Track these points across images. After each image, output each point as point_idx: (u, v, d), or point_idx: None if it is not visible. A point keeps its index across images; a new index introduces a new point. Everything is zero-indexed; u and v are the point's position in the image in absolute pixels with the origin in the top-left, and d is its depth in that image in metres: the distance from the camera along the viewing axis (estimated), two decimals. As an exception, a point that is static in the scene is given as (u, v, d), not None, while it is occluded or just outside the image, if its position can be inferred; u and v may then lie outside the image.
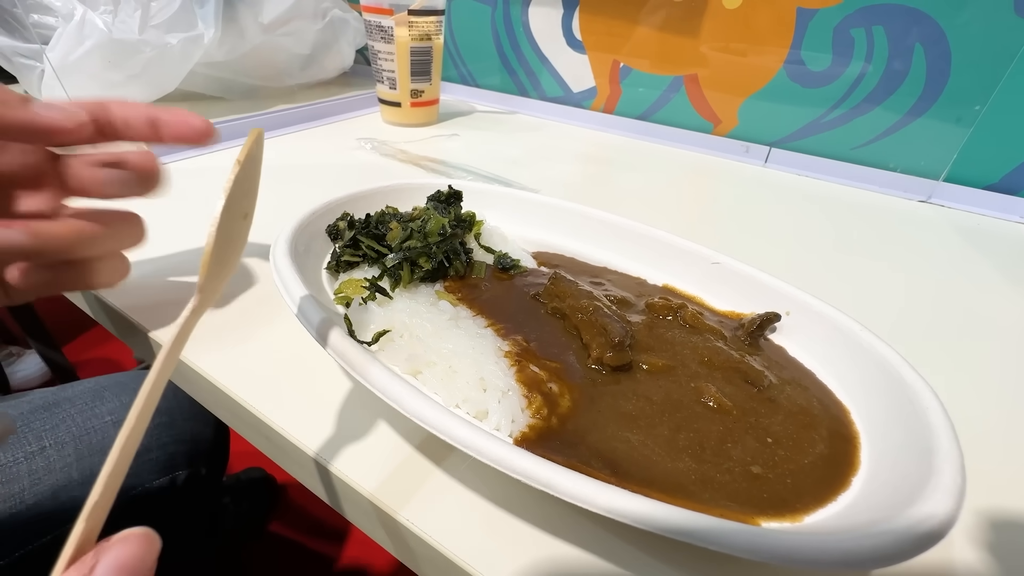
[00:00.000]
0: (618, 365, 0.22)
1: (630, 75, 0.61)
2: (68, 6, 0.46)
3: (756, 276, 0.26)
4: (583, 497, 0.14)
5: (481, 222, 0.30)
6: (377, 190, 0.31)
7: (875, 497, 0.16)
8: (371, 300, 0.24)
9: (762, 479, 0.18)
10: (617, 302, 0.26)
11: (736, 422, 0.20)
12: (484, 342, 0.22)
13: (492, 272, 0.28)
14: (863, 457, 0.19)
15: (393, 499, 0.18)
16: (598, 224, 0.31)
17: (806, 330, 0.24)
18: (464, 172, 0.46)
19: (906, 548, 0.13)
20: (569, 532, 0.17)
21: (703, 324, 0.24)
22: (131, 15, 0.48)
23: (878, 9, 0.46)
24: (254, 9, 0.57)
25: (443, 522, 0.17)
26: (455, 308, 0.24)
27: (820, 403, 0.21)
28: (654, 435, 0.19)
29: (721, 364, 0.22)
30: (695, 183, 0.51)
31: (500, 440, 0.16)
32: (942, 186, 0.49)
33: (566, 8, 0.61)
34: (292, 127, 0.57)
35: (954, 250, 0.40)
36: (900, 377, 0.19)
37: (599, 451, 0.18)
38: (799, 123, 0.54)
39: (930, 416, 0.18)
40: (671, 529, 0.13)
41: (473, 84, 0.73)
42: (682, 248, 0.28)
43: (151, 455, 0.45)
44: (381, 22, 0.53)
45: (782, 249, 0.38)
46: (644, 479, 0.17)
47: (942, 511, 0.14)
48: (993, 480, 0.21)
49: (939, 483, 0.15)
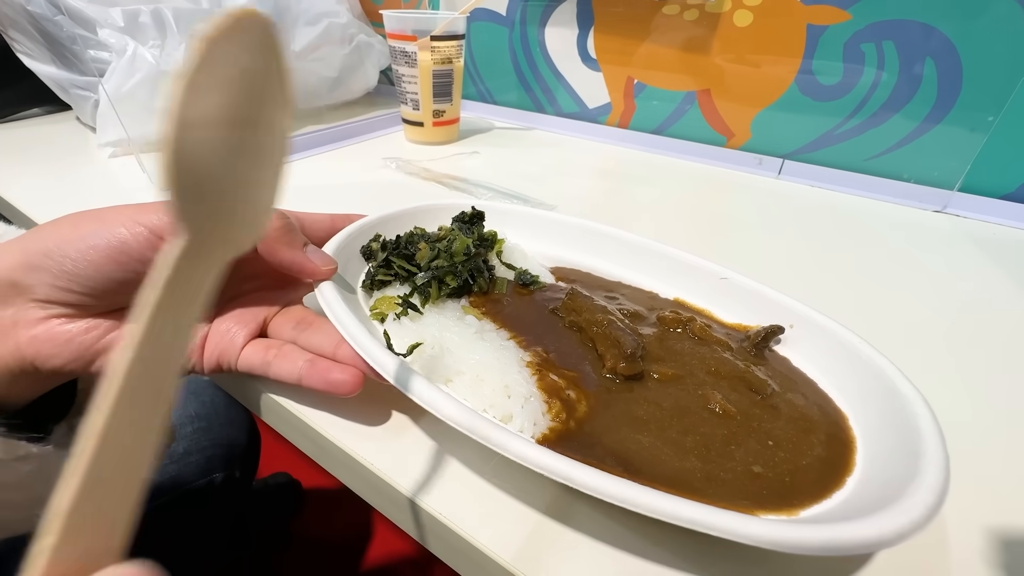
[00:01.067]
0: (630, 374, 0.23)
1: (644, 90, 0.63)
2: (121, 42, 0.49)
3: (762, 291, 0.27)
4: (597, 488, 0.16)
5: (502, 240, 0.32)
6: (405, 212, 0.33)
7: (866, 494, 0.18)
8: (404, 316, 0.26)
9: (762, 477, 0.19)
10: (630, 315, 0.27)
11: (740, 426, 0.21)
12: (507, 353, 0.24)
13: (513, 288, 0.30)
14: (858, 459, 0.20)
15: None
16: (612, 241, 0.32)
17: (809, 342, 0.25)
18: (484, 190, 0.48)
19: (886, 538, 0.15)
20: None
21: (711, 336, 0.26)
22: (176, 48, 0.51)
23: (887, 25, 0.47)
24: (286, 37, 0.60)
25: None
26: (480, 322, 0.26)
27: (820, 410, 0.22)
28: (663, 437, 0.21)
29: (727, 373, 0.24)
30: (709, 195, 0.52)
31: (524, 439, 0.18)
32: (957, 196, 0.49)
33: (581, 28, 0.63)
34: (323, 147, 0.60)
35: (969, 259, 0.41)
36: (894, 386, 0.21)
37: (613, 451, 0.20)
38: (812, 135, 0.55)
39: (919, 422, 0.19)
40: (679, 517, 0.15)
41: (491, 101, 0.76)
42: (692, 264, 0.30)
43: (191, 458, 0.48)
44: (405, 48, 0.56)
45: (796, 259, 0.40)
46: (654, 476, 0.19)
47: (923, 506, 0.15)
48: (1000, 487, 0.22)
49: (923, 482, 0.16)
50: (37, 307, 0.21)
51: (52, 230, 0.21)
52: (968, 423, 0.25)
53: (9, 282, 0.20)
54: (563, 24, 0.64)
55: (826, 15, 0.50)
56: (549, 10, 0.65)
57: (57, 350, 0.22)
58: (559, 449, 0.19)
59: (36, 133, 0.62)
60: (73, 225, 0.21)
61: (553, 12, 0.64)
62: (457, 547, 0.20)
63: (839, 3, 0.49)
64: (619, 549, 0.19)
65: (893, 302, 0.35)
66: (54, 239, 0.21)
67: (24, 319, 0.21)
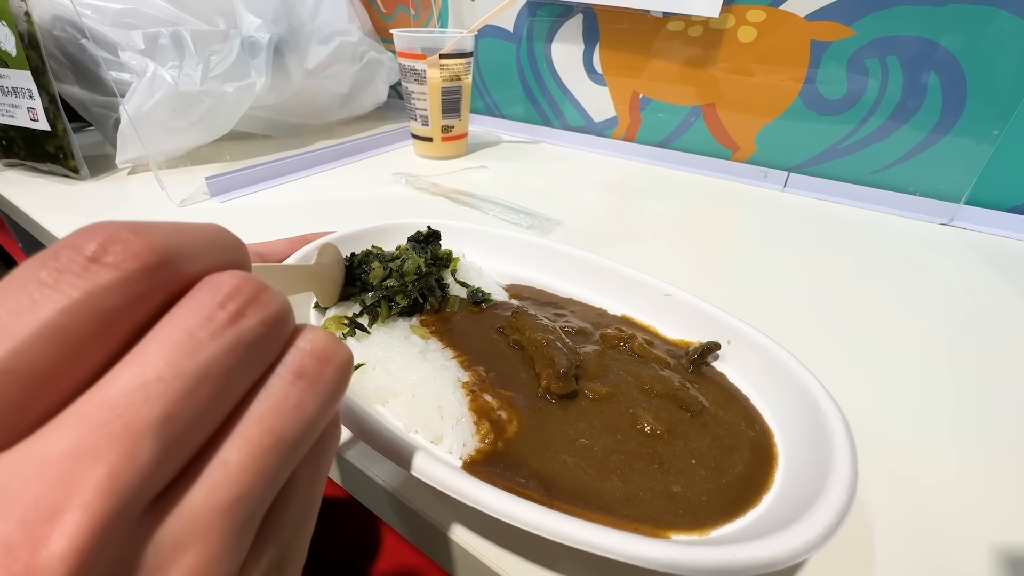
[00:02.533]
0: (564, 393, 0.24)
1: (649, 104, 0.64)
2: (141, 64, 0.51)
3: (702, 307, 0.28)
4: (506, 512, 0.17)
5: (457, 259, 0.33)
6: (365, 231, 0.33)
7: (776, 513, 0.18)
8: (351, 335, 0.26)
9: (680, 497, 0.19)
10: (575, 332, 0.28)
11: (665, 445, 0.21)
12: (446, 373, 0.24)
13: (465, 306, 0.30)
14: (777, 477, 0.20)
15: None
16: (564, 258, 0.33)
17: (744, 358, 0.26)
18: (492, 205, 0.49)
19: (778, 559, 0.15)
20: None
21: (649, 353, 0.26)
22: (194, 68, 0.53)
23: (891, 41, 0.48)
24: (299, 56, 0.62)
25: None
26: (425, 341, 0.27)
27: (747, 427, 0.23)
28: (588, 457, 0.21)
29: (660, 392, 0.24)
30: (715, 208, 0.53)
31: (441, 463, 0.18)
32: (964, 209, 0.49)
33: (587, 43, 0.65)
34: (333, 163, 0.61)
35: (977, 272, 0.41)
36: (815, 402, 0.21)
37: (537, 472, 0.20)
38: (817, 148, 0.55)
39: (834, 439, 0.19)
40: (579, 541, 0.16)
41: (499, 115, 0.77)
42: (638, 280, 0.30)
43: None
44: (415, 66, 0.57)
45: (801, 271, 0.40)
46: (573, 497, 0.19)
47: (817, 529, 0.16)
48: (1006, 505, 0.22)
49: (824, 500, 0.17)
50: None
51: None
52: (975, 436, 0.25)
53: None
54: (569, 40, 0.66)
55: (829, 31, 0.50)
56: (556, 26, 0.66)
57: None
58: (484, 470, 0.20)
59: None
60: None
61: (560, 28, 0.66)
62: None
63: (842, 19, 0.49)
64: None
65: (899, 315, 0.35)
66: None
67: None
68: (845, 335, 0.33)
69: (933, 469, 0.24)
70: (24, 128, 0.52)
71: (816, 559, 0.19)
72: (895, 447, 0.24)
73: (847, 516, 0.16)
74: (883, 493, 0.22)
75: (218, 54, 0.55)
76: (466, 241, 0.35)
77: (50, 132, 0.52)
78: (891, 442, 0.25)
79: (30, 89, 0.50)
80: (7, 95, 0.51)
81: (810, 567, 0.19)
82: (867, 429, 0.23)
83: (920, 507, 0.22)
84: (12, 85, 0.50)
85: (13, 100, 0.51)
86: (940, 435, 0.25)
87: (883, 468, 0.23)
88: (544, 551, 0.19)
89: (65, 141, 0.52)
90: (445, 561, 0.21)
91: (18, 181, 0.54)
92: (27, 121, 0.52)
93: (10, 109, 0.52)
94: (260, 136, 0.68)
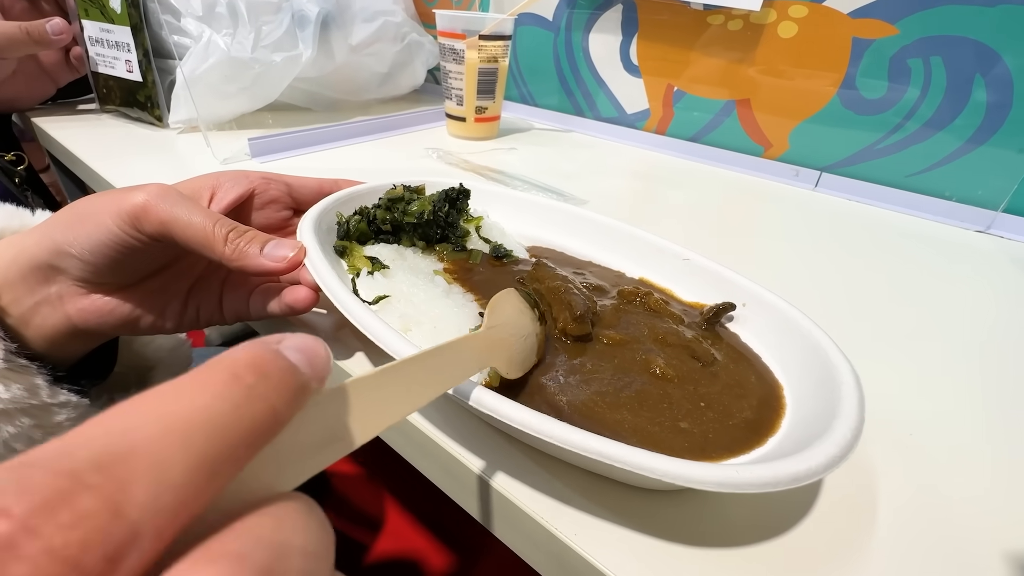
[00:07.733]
0: (579, 335, 0.24)
1: (683, 99, 0.64)
2: (199, 29, 0.54)
3: (720, 271, 0.28)
4: (514, 418, 0.17)
5: (481, 217, 0.34)
6: (388, 185, 0.33)
7: (781, 451, 0.18)
8: (376, 271, 0.27)
9: (687, 432, 0.20)
10: (592, 288, 0.29)
11: (676, 388, 0.22)
12: (467, 310, 0.25)
13: (488, 260, 0.31)
14: (783, 424, 0.21)
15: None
16: (586, 223, 0.34)
17: (759, 320, 0.26)
18: (520, 181, 0.50)
19: (780, 479, 0.16)
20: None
21: (665, 309, 0.27)
22: (246, 36, 0.56)
23: (937, 40, 0.47)
24: (344, 32, 0.64)
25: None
26: (449, 285, 0.28)
27: (757, 379, 0.23)
28: (600, 392, 0.21)
29: (673, 342, 0.25)
30: (741, 202, 0.53)
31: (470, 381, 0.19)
32: (1002, 217, 0.48)
33: (624, 35, 0.65)
34: (369, 136, 0.63)
35: (1011, 281, 0.40)
36: (827, 358, 0.21)
37: (550, 401, 0.21)
38: (852, 149, 0.54)
39: (842, 389, 0.19)
40: (587, 448, 0.16)
41: (532, 104, 0.78)
42: (658, 245, 0.31)
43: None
44: (454, 45, 0.59)
45: (829, 271, 0.39)
46: (583, 424, 0.19)
47: (817, 460, 0.16)
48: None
49: (830, 436, 0.17)
50: (78, 285, 0.24)
51: (66, 226, 0.23)
52: (1006, 443, 0.25)
53: (47, 264, 0.23)
54: (607, 31, 0.66)
55: (873, 29, 0.50)
56: (594, 17, 0.66)
57: (103, 319, 0.25)
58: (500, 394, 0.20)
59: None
60: (79, 222, 0.23)
61: (598, 19, 0.66)
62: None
63: (887, 17, 0.49)
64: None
65: (930, 320, 0.34)
66: (71, 234, 0.22)
67: (69, 294, 0.24)
68: (871, 336, 0.32)
69: (961, 478, 0.22)
70: (121, 78, 0.59)
71: (819, 520, 0.19)
72: (921, 449, 0.23)
73: (851, 451, 0.17)
74: (904, 497, 0.21)
75: (269, 24, 0.58)
76: (492, 202, 0.36)
77: (141, 83, 0.58)
78: (917, 446, 0.24)
79: (128, 43, 0.56)
80: (110, 48, 0.57)
81: (814, 529, 0.19)
82: (892, 427, 0.23)
83: (942, 511, 0.20)
84: (115, 39, 0.56)
85: (115, 53, 0.58)
86: (974, 439, 0.24)
87: (907, 468, 0.22)
88: (572, 492, 0.20)
89: (153, 92, 0.58)
90: (470, 502, 0.22)
91: (112, 124, 0.61)
92: (124, 72, 0.58)
93: (112, 61, 0.58)
94: (301, 108, 0.70)
